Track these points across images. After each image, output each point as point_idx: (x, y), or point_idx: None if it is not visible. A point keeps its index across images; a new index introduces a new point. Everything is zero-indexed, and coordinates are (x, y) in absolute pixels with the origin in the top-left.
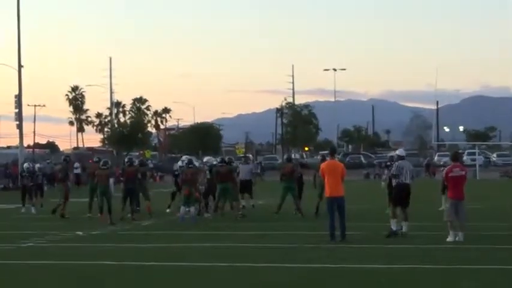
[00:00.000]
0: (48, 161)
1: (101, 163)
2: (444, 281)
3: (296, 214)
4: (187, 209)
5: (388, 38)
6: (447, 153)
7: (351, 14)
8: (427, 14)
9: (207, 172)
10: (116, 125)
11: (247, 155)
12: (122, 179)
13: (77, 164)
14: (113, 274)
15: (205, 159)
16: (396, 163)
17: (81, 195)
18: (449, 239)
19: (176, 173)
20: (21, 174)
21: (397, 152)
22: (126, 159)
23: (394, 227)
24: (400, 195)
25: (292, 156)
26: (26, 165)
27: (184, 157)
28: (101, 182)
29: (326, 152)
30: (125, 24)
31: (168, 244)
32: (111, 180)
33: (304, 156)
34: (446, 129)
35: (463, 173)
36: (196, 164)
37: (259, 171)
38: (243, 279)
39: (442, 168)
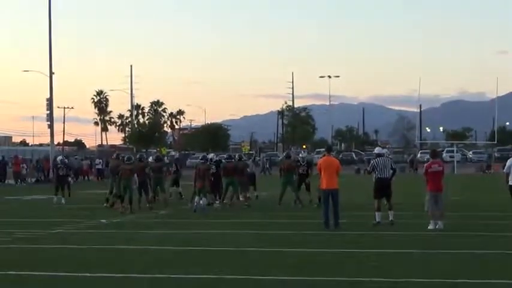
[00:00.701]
0: (76, 156)
1: (125, 158)
2: (424, 264)
3: (296, 205)
4: (200, 201)
5: (376, 48)
6: (428, 151)
7: (345, 26)
8: (410, 27)
9: (213, 167)
10: (136, 125)
11: (252, 152)
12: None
13: (98, 160)
14: (136, 256)
15: (210, 155)
16: (372, 161)
17: (103, 187)
18: (430, 227)
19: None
20: (57, 166)
21: (375, 150)
22: (137, 156)
23: (377, 218)
24: (379, 189)
25: (291, 153)
26: (60, 157)
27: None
28: (125, 175)
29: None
30: (145, 35)
31: (181, 231)
32: (135, 175)
33: (302, 152)
34: (428, 130)
35: (441, 168)
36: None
37: (267, 166)
38: (250, 261)
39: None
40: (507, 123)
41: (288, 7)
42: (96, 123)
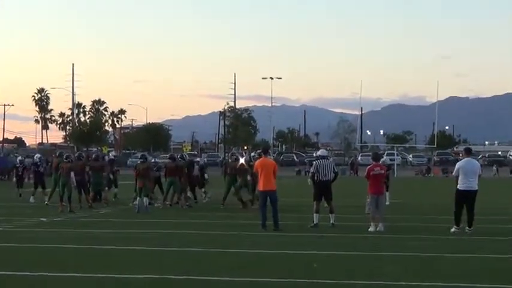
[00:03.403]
0: (16, 154)
1: (64, 157)
2: (367, 266)
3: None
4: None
5: (319, 51)
6: (369, 153)
7: (288, 28)
8: (353, 30)
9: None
10: (77, 124)
11: (194, 152)
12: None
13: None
14: (73, 257)
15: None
16: (315, 162)
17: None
18: (371, 229)
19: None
20: (37, 164)
21: (319, 152)
22: (76, 155)
23: (315, 220)
24: (319, 191)
25: (238, 155)
26: (38, 155)
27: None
28: (64, 174)
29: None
30: (87, 34)
31: (123, 230)
32: (72, 173)
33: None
34: (369, 133)
35: (383, 171)
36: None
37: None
38: (194, 262)
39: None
40: (447, 128)
41: (232, 7)
42: (37, 121)
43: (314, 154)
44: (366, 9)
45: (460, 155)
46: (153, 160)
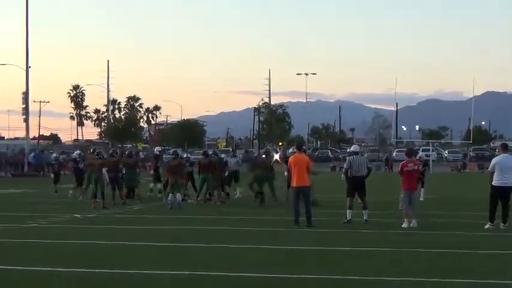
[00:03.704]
0: (51, 150)
1: (95, 153)
2: (399, 263)
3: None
4: (176, 197)
5: (354, 46)
6: (404, 149)
7: (324, 24)
8: (389, 25)
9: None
10: (112, 120)
11: (231, 148)
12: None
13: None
14: (105, 252)
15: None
16: (348, 158)
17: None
18: (404, 225)
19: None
20: (75, 160)
21: (352, 148)
22: (110, 151)
23: (348, 216)
24: (352, 187)
25: (271, 150)
26: (78, 151)
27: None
28: (95, 170)
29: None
30: (122, 30)
31: (156, 226)
32: (104, 169)
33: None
34: (404, 128)
35: (416, 167)
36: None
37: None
38: (226, 259)
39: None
40: (483, 123)
41: (267, 4)
42: (72, 118)
43: (348, 150)
44: (401, 4)
45: (496, 150)
46: (185, 156)
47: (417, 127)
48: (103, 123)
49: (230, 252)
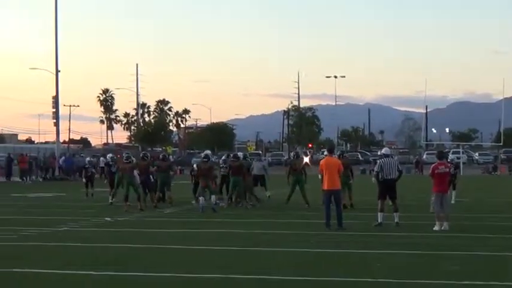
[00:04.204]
0: (82, 154)
1: (124, 157)
2: (430, 265)
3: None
4: (208, 200)
5: (384, 48)
6: (435, 152)
7: (352, 26)
8: (418, 27)
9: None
10: (141, 124)
11: (259, 152)
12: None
13: (103, 159)
14: (140, 254)
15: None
16: (379, 160)
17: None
18: (436, 228)
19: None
20: (109, 164)
21: (383, 150)
22: (141, 155)
23: (379, 219)
24: (383, 190)
25: (301, 153)
26: (110, 155)
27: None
28: (126, 173)
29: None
30: (152, 34)
31: (187, 229)
32: (135, 171)
33: (308, 153)
34: (434, 131)
35: (447, 170)
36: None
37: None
38: (258, 261)
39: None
40: None
41: (295, 7)
42: (102, 122)
43: (378, 153)
44: (431, 4)
45: None
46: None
47: (447, 129)
48: (132, 127)
49: (260, 255)
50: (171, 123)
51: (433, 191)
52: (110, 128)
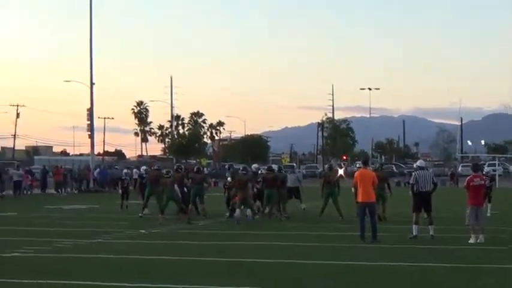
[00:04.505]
0: (116, 166)
1: (164, 172)
2: (465, 278)
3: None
4: (244, 212)
5: (418, 60)
6: (470, 164)
7: (386, 38)
8: (452, 39)
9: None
10: (176, 136)
11: (293, 164)
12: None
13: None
14: (173, 266)
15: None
16: (414, 173)
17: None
18: (471, 240)
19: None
20: (142, 176)
21: (417, 163)
22: (175, 167)
23: (415, 232)
24: (418, 202)
25: (334, 165)
26: (144, 167)
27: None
28: (167, 187)
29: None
30: (185, 46)
31: (221, 242)
32: (175, 185)
33: (343, 165)
34: (469, 143)
35: (483, 182)
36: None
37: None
38: (291, 273)
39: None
40: None
41: (329, 19)
42: (136, 134)
43: (414, 165)
44: (464, 14)
45: None
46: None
47: (483, 142)
48: (167, 139)
49: (294, 267)
50: (205, 136)
51: (468, 203)
52: (144, 140)
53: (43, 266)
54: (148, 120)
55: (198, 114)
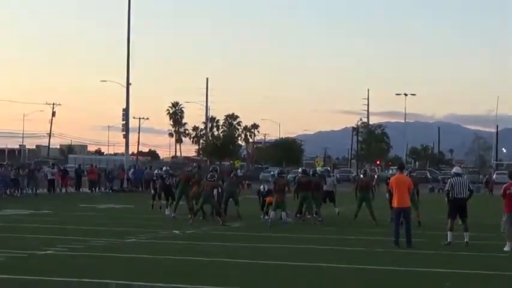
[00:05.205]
0: (150, 166)
1: (208, 176)
2: (499, 285)
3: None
4: (282, 215)
5: (453, 66)
6: (505, 172)
7: (422, 44)
8: (487, 46)
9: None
10: (210, 138)
11: (327, 168)
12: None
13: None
14: (203, 268)
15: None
16: (450, 179)
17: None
18: (506, 248)
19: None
20: (163, 177)
21: (454, 169)
22: (210, 168)
23: (449, 238)
24: (454, 209)
25: (368, 170)
26: (165, 168)
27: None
28: (206, 191)
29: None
30: (221, 48)
31: (253, 244)
32: (215, 190)
33: (377, 170)
34: (504, 150)
35: None
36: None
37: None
38: (321, 278)
39: None
40: None
41: (364, 24)
42: (171, 135)
43: (451, 172)
44: (500, 24)
45: None
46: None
47: None
48: (201, 141)
49: (325, 272)
50: (239, 138)
51: (504, 211)
52: (179, 141)
53: (76, 264)
54: (183, 121)
55: (233, 117)
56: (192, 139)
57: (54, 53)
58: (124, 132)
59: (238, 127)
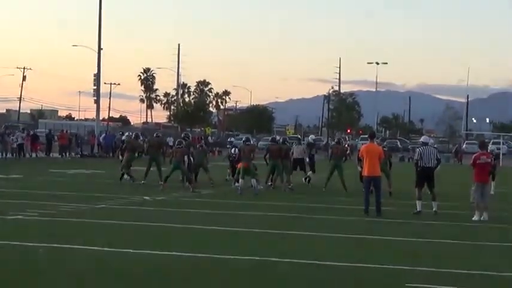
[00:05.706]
0: (120, 133)
1: (176, 142)
2: (468, 255)
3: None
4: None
5: (425, 36)
6: (474, 141)
7: (395, 13)
8: (461, 16)
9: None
10: (181, 104)
11: (298, 136)
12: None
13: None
14: (174, 234)
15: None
16: (418, 149)
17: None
18: (475, 218)
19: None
20: (123, 141)
21: (421, 139)
22: (182, 135)
23: (418, 208)
24: (422, 178)
25: (342, 139)
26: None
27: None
28: (176, 157)
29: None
30: (193, 14)
31: (220, 211)
32: (186, 157)
33: (347, 138)
34: (474, 121)
35: (489, 160)
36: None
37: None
38: (292, 245)
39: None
40: None
41: None
42: (142, 101)
43: (419, 140)
44: None
45: None
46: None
47: (487, 120)
48: (172, 107)
49: (295, 239)
50: (211, 104)
51: (474, 180)
52: (150, 107)
53: (46, 229)
54: (155, 87)
55: (204, 83)
56: (163, 105)
57: (25, 17)
58: (95, 98)
59: (210, 94)
